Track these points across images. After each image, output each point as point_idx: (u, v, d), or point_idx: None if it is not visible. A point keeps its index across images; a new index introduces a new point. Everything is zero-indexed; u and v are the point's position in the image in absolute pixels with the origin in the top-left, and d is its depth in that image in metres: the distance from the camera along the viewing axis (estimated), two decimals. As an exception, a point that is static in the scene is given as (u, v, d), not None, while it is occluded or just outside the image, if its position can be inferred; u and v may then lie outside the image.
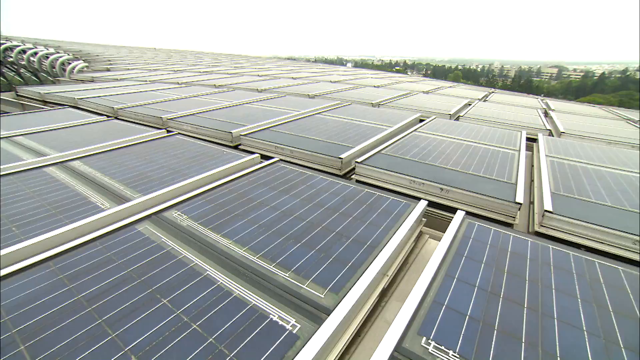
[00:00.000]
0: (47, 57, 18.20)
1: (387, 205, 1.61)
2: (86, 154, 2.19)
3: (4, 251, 1.17)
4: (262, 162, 2.16)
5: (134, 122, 3.24)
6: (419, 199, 1.69)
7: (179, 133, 2.71)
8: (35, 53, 19.32)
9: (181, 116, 3.26)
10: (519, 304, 1.04)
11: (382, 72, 12.72)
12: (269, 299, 1.01)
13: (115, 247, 1.23)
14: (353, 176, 2.20)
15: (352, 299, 1.02)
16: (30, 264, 1.12)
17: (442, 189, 1.89)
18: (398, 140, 2.68)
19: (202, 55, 21.61)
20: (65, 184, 1.77)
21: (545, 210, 1.65)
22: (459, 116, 4.11)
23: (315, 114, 3.54)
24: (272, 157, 2.39)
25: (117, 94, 4.71)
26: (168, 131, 2.80)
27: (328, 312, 0.97)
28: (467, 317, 0.98)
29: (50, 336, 0.87)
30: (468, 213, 1.68)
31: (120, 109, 3.74)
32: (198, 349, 0.85)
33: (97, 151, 2.24)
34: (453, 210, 1.82)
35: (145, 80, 6.65)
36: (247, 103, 4.06)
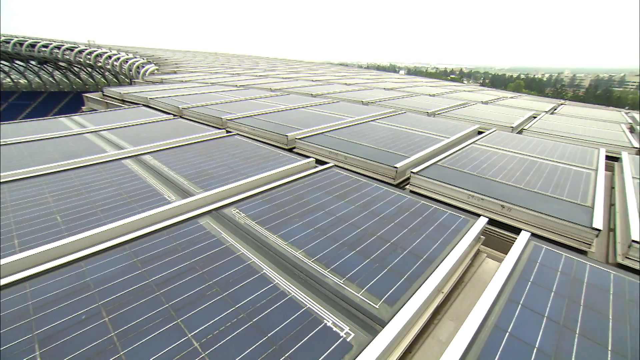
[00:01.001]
0: (127, 62, 20.28)
1: (444, 219, 1.55)
2: (156, 149, 2.38)
3: (91, 232, 1.31)
4: (316, 166, 2.19)
5: (197, 121, 3.47)
6: (477, 214, 1.60)
7: (237, 133, 2.85)
8: (118, 58, 21.66)
9: (239, 117, 3.43)
10: (601, 345, 0.93)
11: (437, 81, 12.32)
12: (323, 303, 1.01)
13: (180, 238, 1.32)
14: (407, 186, 2.14)
15: (407, 313, 0.99)
16: (111, 246, 1.24)
17: (503, 207, 1.77)
18: (455, 152, 2.57)
19: (258, 59, 22.59)
20: (139, 175, 1.94)
21: (633, 240, 1.47)
22: (523, 129, 3.83)
23: (369, 121, 3.52)
24: (325, 162, 2.42)
25: (182, 95, 5.08)
26: (227, 131, 2.95)
27: (383, 323, 0.95)
28: (535, 349, 0.90)
29: (127, 314, 0.95)
30: (533, 235, 1.55)
31: (185, 108, 4.03)
32: (254, 344, 0.87)
33: (165, 147, 2.43)
34: (515, 230, 1.70)
35: (207, 83, 7.10)
36: (301, 107, 4.15)
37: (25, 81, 38.06)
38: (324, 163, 2.42)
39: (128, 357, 0.83)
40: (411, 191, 2.09)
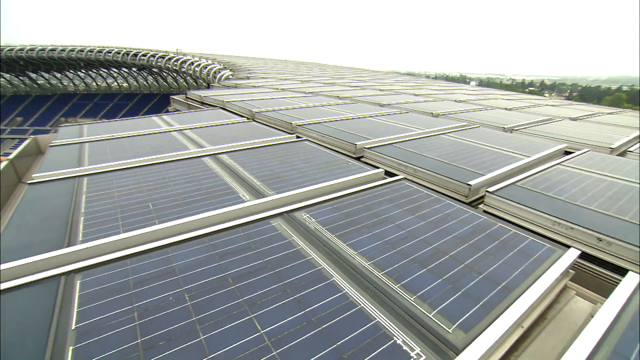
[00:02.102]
0: (206, 67, 22.27)
1: (525, 246, 1.41)
2: (231, 150, 2.56)
3: (176, 222, 1.45)
4: (385, 177, 2.16)
5: (268, 125, 3.65)
6: (564, 245, 1.43)
7: (307, 139, 2.94)
8: (199, 64, 23.93)
9: (309, 123, 3.53)
10: None
11: (514, 93, 11.39)
12: (393, 319, 0.99)
13: (253, 236, 1.39)
14: (481, 206, 2.00)
15: (484, 343, 0.92)
16: (193, 237, 1.36)
17: (600, 239, 1.56)
18: (537, 173, 2.34)
19: (326, 67, 23.13)
20: (216, 173, 2.10)
21: None
22: (626, 151, 3.35)
23: (440, 134, 3.38)
24: (394, 173, 2.38)
25: (255, 99, 5.40)
26: (297, 136, 3.06)
27: (456, 350, 0.89)
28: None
29: (206, 302, 1.03)
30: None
31: (257, 112, 4.27)
32: (323, 351, 0.88)
33: (240, 148, 2.61)
34: (616, 269, 1.48)
35: (277, 89, 7.46)
36: (369, 117, 4.15)
37: (127, 84, 43.89)
38: (392, 174, 2.39)
39: (208, 341, 0.89)
40: (485, 211, 1.95)
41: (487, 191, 1.95)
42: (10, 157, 2.92)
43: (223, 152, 2.47)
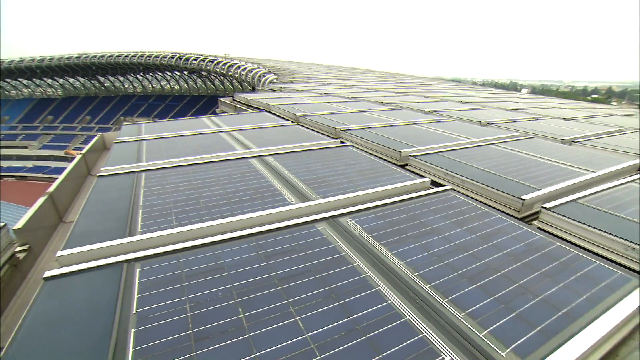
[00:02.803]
0: (251, 71, 23.13)
1: (590, 270, 1.29)
2: (277, 152, 2.63)
3: (225, 220, 1.52)
4: (431, 187, 2.10)
5: (312, 129, 3.70)
6: (637, 272, 1.29)
7: (351, 145, 2.94)
8: (245, 68, 24.95)
9: (352, 129, 3.53)
10: None
11: (574, 102, 10.54)
12: (441, 335, 0.95)
13: (298, 239, 1.41)
14: (535, 222, 1.87)
15: (543, 374, 0.85)
16: (240, 236, 1.41)
17: (680, 269, 1.39)
18: (604, 190, 2.14)
19: (369, 72, 23.02)
20: (262, 174, 2.16)
21: None
22: None
23: (489, 144, 3.22)
24: (440, 183, 2.30)
25: (298, 103, 5.50)
26: (341, 142, 3.07)
27: (511, 377, 0.84)
28: None
29: (253, 300, 1.06)
30: None
31: (302, 116, 4.34)
32: (368, 360, 0.87)
33: (285, 151, 2.66)
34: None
35: (320, 93, 7.54)
36: (414, 124, 4.06)
37: (178, 87, 46.92)
38: (437, 184, 2.31)
39: (254, 339, 0.92)
40: (539, 228, 1.81)
41: (543, 207, 1.82)
42: (83, 151, 3.23)
43: (269, 154, 2.54)
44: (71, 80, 46.81)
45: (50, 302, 1.06)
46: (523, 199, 1.93)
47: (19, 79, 45.60)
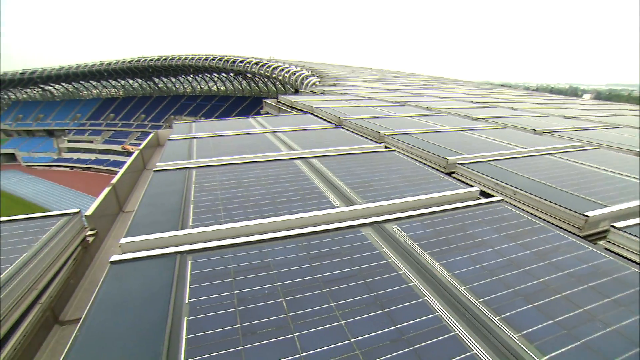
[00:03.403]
0: (294, 74, 23.62)
1: (669, 300, 1.15)
2: (321, 154, 2.65)
3: (272, 219, 1.55)
4: (480, 197, 2.01)
5: (355, 133, 3.69)
6: None
7: (396, 150, 2.89)
8: (288, 71, 25.54)
9: (397, 134, 3.47)
10: None
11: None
12: (493, 355, 0.90)
13: (344, 243, 1.41)
14: (601, 242, 1.71)
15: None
16: (287, 236, 1.43)
17: None
18: (684, 210, 1.90)
19: (413, 76, 22.51)
20: (307, 176, 2.18)
21: None
22: None
23: (545, 153, 3.00)
24: (489, 194, 2.19)
25: (342, 106, 5.51)
26: (386, 146, 3.02)
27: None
28: None
29: (299, 300, 1.07)
30: None
31: (345, 119, 4.35)
32: (414, 373, 0.84)
33: (329, 154, 2.68)
34: None
35: (363, 97, 7.50)
36: (460, 130, 3.90)
37: (224, 88, 49.20)
38: (487, 194, 2.20)
39: (300, 339, 0.93)
40: (606, 249, 1.65)
41: (613, 226, 1.65)
42: (140, 147, 3.50)
43: (313, 157, 2.57)
44: (131, 81, 51.05)
45: (115, 284, 1.16)
46: (586, 216, 1.77)
47: (90, 81, 50.71)
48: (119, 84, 52.65)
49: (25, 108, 55.63)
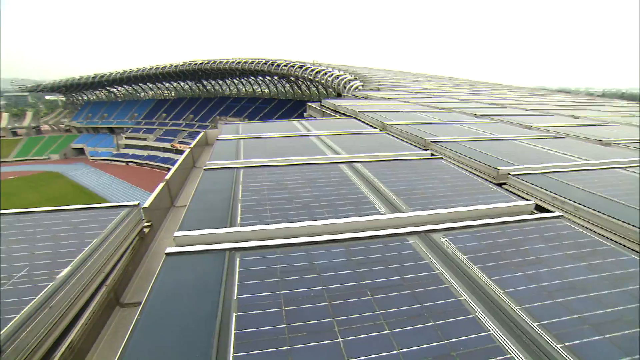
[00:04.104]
0: (337, 78, 23.73)
1: None
2: (366, 159, 2.63)
3: (318, 222, 1.57)
4: (534, 212, 1.88)
5: (400, 138, 3.62)
6: None
7: (442, 157, 2.79)
8: (331, 75, 25.72)
9: (444, 141, 3.35)
10: None
11: None
12: (555, 385, 0.83)
13: (390, 250, 1.38)
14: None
15: None
16: (332, 239, 1.44)
17: None
18: None
19: (459, 82, 21.67)
20: (352, 180, 2.18)
21: None
22: None
23: (615, 167, 2.73)
24: (545, 208, 2.04)
25: (386, 111, 5.44)
26: (432, 154, 2.94)
27: None
28: None
29: (344, 305, 1.07)
30: None
31: (389, 124, 4.28)
32: (465, 393, 0.80)
33: (374, 159, 2.65)
34: None
35: (408, 102, 7.35)
36: (513, 139, 3.68)
37: (268, 90, 50.75)
38: (542, 209, 2.05)
39: (345, 344, 0.92)
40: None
41: (696, 252, 1.47)
42: (191, 146, 3.71)
43: (357, 161, 2.56)
44: (182, 83, 54.51)
45: (170, 274, 1.23)
46: (664, 239, 1.59)
47: (147, 83, 55.10)
48: (172, 86, 56.51)
49: (94, 108, 61.69)
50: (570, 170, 2.58)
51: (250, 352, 0.90)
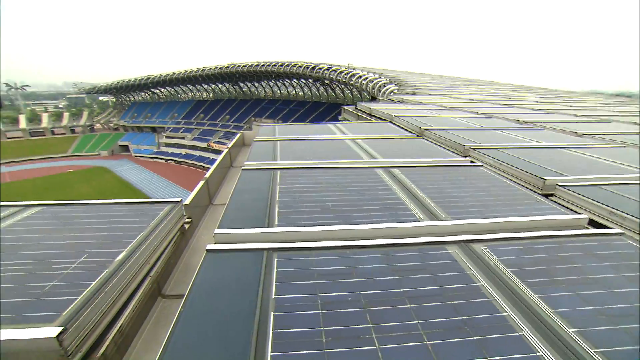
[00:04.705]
0: (372, 81, 23.54)
1: None
2: (402, 165, 2.58)
3: (355, 226, 1.56)
4: (587, 227, 1.75)
5: (437, 144, 3.52)
6: None
7: (483, 165, 2.68)
8: (366, 78, 25.57)
9: (484, 148, 3.22)
10: None
11: None
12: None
13: (428, 259, 1.34)
14: None
15: None
16: (370, 245, 1.42)
17: None
18: None
19: (500, 86, 20.72)
20: (389, 185, 2.15)
21: None
22: None
23: (681, 181, 2.48)
24: (601, 224, 1.90)
25: (422, 116, 5.31)
26: (472, 161, 2.83)
27: None
28: None
29: (382, 313, 1.05)
30: None
31: (426, 129, 4.18)
32: (512, 416, 0.76)
33: (411, 164, 2.60)
34: None
35: (445, 107, 7.13)
36: (561, 147, 3.45)
37: (302, 93, 51.45)
38: (597, 224, 1.91)
39: (382, 353, 0.91)
40: None
41: None
42: (229, 146, 3.83)
43: (394, 166, 2.52)
44: (220, 85, 56.68)
45: (211, 270, 1.28)
46: None
47: (187, 85, 58.03)
48: (210, 88, 58.96)
49: (139, 108, 65.91)
50: (631, 183, 2.37)
51: (288, 353, 0.91)
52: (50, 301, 1.13)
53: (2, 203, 1.95)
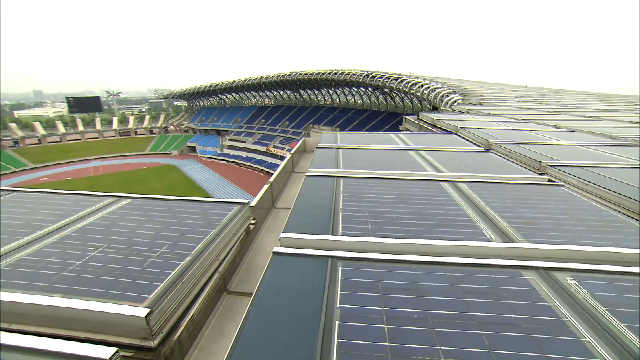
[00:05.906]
0: (434, 90, 22.72)
1: None
2: (470, 180, 2.44)
3: (421, 242, 1.51)
4: None
5: (508, 159, 3.27)
6: None
7: (564, 185, 2.42)
8: (428, 87, 24.77)
9: (566, 165, 2.91)
10: None
11: None
12: None
13: (501, 283, 1.25)
14: None
15: None
16: (437, 262, 1.37)
17: None
18: None
19: (584, 95, 18.62)
20: (455, 201, 2.05)
21: None
22: None
23: None
24: None
25: (490, 128, 4.98)
26: (550, 180, 2.57)
27: None
28: None
29: (451, 334, 1.00)
30: None
31: (495, 143, 3.91)
32: None
33: (480, 180, 2.45)
34: None
35: (517, 119, 6.61)
36: (665, 168, 2.98)
37: (361, 101, 51.51)
38: None
39: (453, 379, 0.86)
40: None
41: None
42: (292, 152, 3.98)
43: (461, 181, 2.40)
44: (281, 92, 59.21)
45: (277, 272, 1.33)
46: None
47: (251, 92, 61.82)
48: (272, 95, 61.89)
49: (207, 112, 71.67)
50: None
51: (353, 364, 0.91)
52: (138, 284, 1.27)
53: (102, 193, 2.25)
